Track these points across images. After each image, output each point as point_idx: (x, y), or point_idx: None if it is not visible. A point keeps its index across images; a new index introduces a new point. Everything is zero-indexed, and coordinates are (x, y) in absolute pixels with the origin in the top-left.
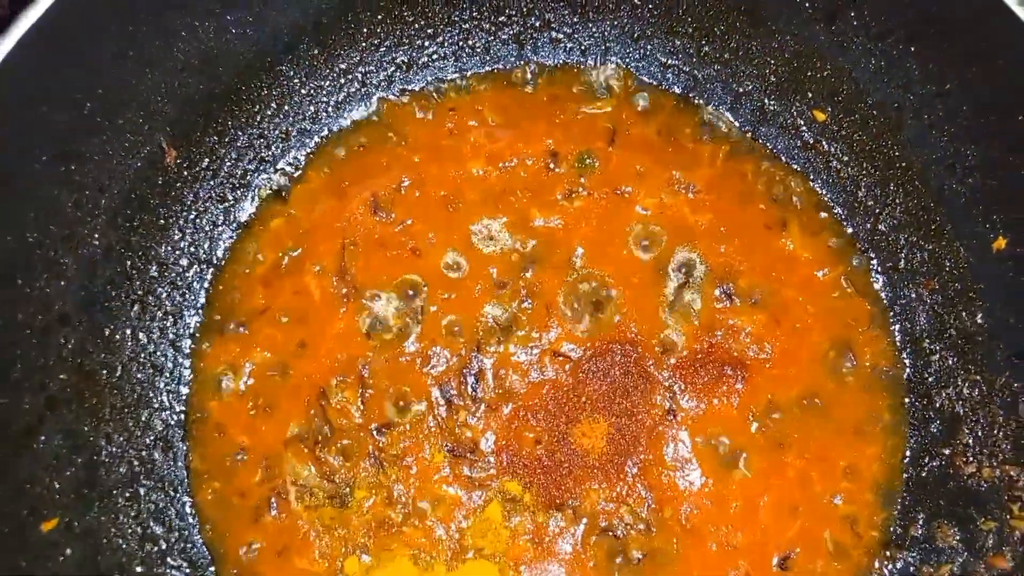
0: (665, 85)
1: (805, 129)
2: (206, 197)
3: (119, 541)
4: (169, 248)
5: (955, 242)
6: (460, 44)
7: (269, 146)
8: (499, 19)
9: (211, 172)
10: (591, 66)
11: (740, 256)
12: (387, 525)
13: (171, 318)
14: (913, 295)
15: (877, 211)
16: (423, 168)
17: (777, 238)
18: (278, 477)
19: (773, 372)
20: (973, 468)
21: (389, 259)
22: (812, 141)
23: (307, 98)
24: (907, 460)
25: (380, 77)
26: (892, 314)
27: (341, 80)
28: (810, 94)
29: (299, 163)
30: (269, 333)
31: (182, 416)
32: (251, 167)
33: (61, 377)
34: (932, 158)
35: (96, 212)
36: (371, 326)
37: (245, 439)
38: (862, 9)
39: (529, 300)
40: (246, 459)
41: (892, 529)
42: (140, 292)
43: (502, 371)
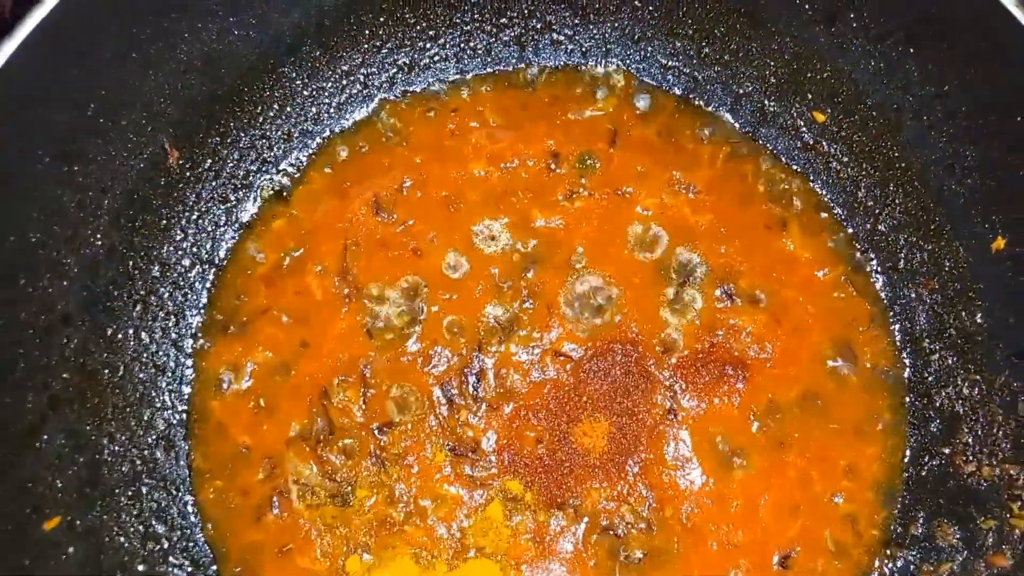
0: (666, 86)
1: (805, 130)
2: (208, 198)
3: (121, 540)
4: (171, 248)
5: (954, 242)
6: (461, 46)
7: (271, 147)
8: (500, 21)
9: (213, 173)
10: (592, 67)
11: (740, 256)
12: (388, 524)
13: (173, 318)
14: (913, 295)
15: (877, 211)
16: (424, 169)
17: (777, 238)
18: (280, 476)
19: (774, 372)
20: (973, 467)
21: (391, 259)
22: (812, 142)
23: (309, 99)
24: (907, 459)
25: (382, 78)
26: (892, 314)
27: (343, 81)
28: (810, 95)
29: (301, 164)
30: (271, 333)
31: (184, 415)
32: (253, 168)
33: (63, 376)
34: (931, 159)
35: (99, 212)
36: (373, 326)
37: (247, 438)
38: (861, 11)
39: (530, 300)
40: (248, 458)
41: (892, 528)
42: (142, 292)
43: (503, 371)
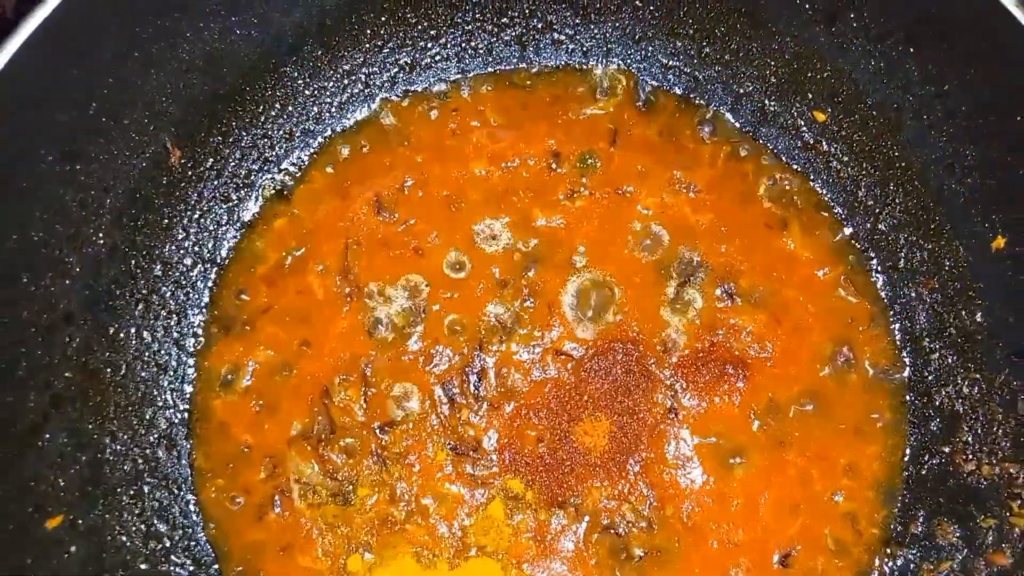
0: (666, 86)
1: (805, 129)
2: (210, 197)
3: (123, 539)
4: (173, 247)
5: (954, 241)
6: (463, 45)
7: (273, 146)
8: (501, 21)
9: (215, 172)
10: (593, 67)
11: (741, 256)
12: (390, 523)
13: (175, 317)
14: (913, 294)
15: (877, 211)
16: (426, 168)
17: (778, 238)
18: (281, 475)
19: (774, 371)
20: (973, 466)
21: (392, 258)
22: (812, 141)
23: (311, 99)
24: (907, 458)
25: (383, 78)
26: (892, 313)
27: (344, 81)
28: (810, 95)
29: (302, 163)
30: (272, 332)
31: (186, 414)
32: (255, 167)
33: (66, 375)
34: (931, 158)
35: (101, 211)
36: (374, 325)
37: (249, 437)
38: (861, 11)
39: (531, 299)
40: (250, 457)
41: (892, 526)
42: (144, 291)
43: (504, 370)
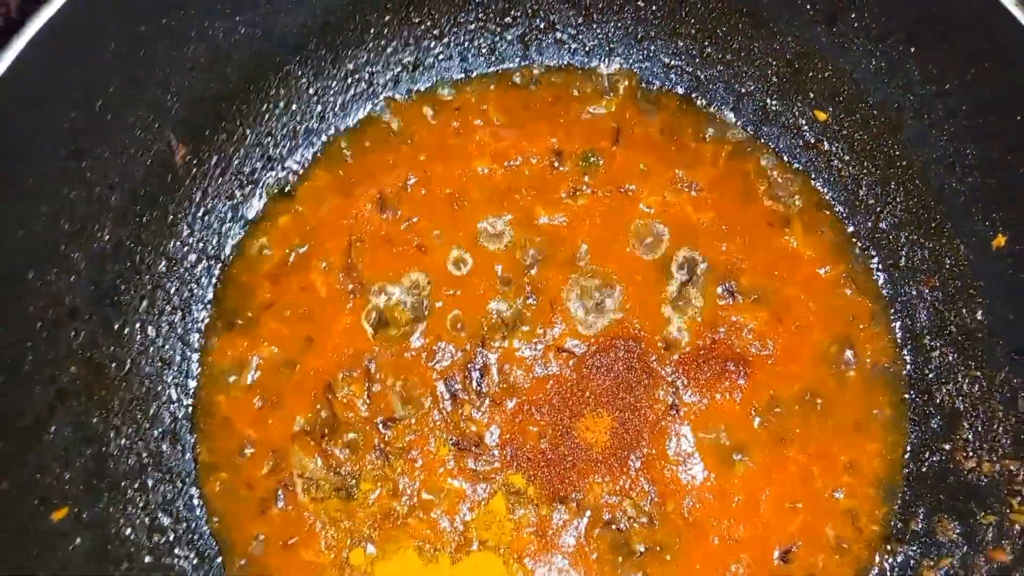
0: (668, 85)
1: (807, 129)
2: (214, 194)
3: (128, 531)
4: (178, 244)
5: (955, 240)
6: (466, 45)
7: (277, 144)
8: (504, 20)
9: (219, 170)
10: (595, 67)
11: (742, 254)
12: (392, 517)
13: (179, 313)
14: (914, 292)
15: (878, 209)
16: (429, 167)
17: (779, 236)
18: (285, 470)
19: (775, 368)
20: (973, 463)
21: (395, 256)
22: (813, 140)
23: (314, 97)
24: (907, 455)
25: (387, 77)
26: (893, 311)
27: (348, 80)
28: (811, 94)
29: (306, 161)
30: (276, 328)
31: (190, 409)
32: (259, 165)
33: (71, 370)
34: (932, 157)
35: (106, 208)
36: (377, 322)
37: (252, 432)
38: (862, 11)
39: (533, 296)
40: (253, 452)
41: (893, 523)
42: (149, 287)
43: (506, 366)
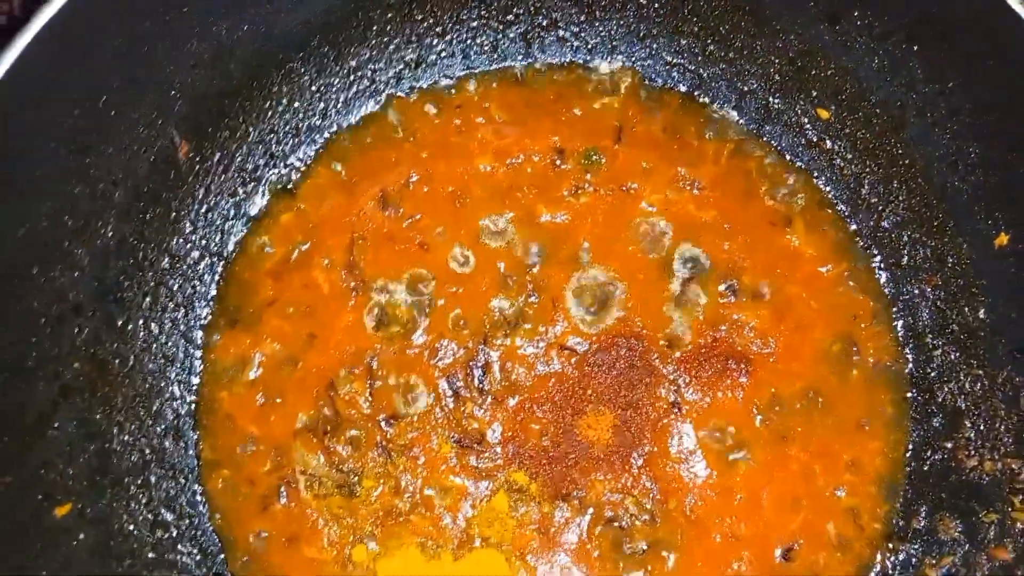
0: (671, 83)
1: (809, 127)
2: (217, 191)
3: (131, 527)
4: (181, 241)
5: (957, 238)
6: (468, 42)
7: (279, 141)
8: (507, 18)
9: (222, 167)
10: (597, 64)
11: (744, 252)
12: (394, 514)
13: (182, 309)
14: (916, 291)
15: (880, 208)
16: (431, 164)
17: (781, 234)
18: (287, 466)
19: (777, 366)
20: (975, 461)
21: (397, 253)
22: (816, 139)
23: (317, 95)
24: (909, 453)
25: (389, 74)
26: (895, 310)
27: (351, 77)
28: (814, 92)
29: (309, 158)
30: (278, 325)
31: (193, 406)
32: (261, 162)
33: (75, 366)
34: (935, 155)
35: (109, 205)
36: (379, 319)
37: (255, 429)
38: (865, 9)
39: (536, 294)
40: (256, 448)
41: (894, 521)
42: (152, 284)
43: (508, 364)
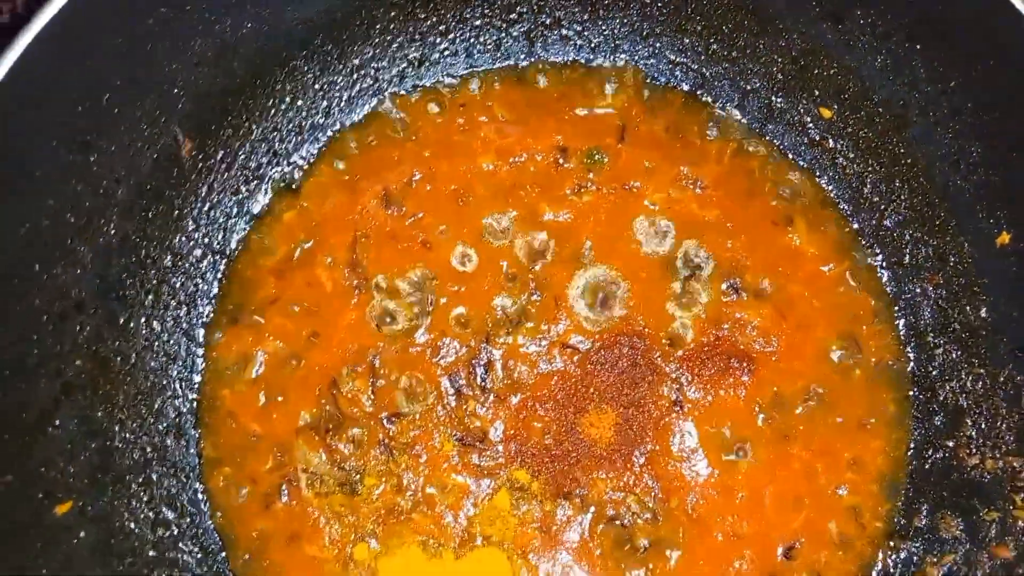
0: (674, 82)
1: (812, 126)
2: (220, 189)
3: (132, 525)
4: (183, 239)
5: (959, 237)
6: (471, 41)
7: (282, 140)
8: (510, 16)
9: (225, 164)
10: (600, 63)
11: (747, 251)
12: (396, 512)
13: (184, 307)
14: (918, 290)
15: (882, 207)
16: (434, 163)
17: (783, 233)
18: (289, 464)
19: (779, 365)
20: (976, 460)
21: (400, 251)
22: (818, 138)
23: (320, 93)
24: (911, 452)
25: (392, 73)
26: (897, 308)
27: (354, 76)
28: (817, 92)
29: (312, 156)
30: (281, 323)
31: (195, 404)
32: (264, 160)
33: (76, 363)
34: (937, 155)
35: (112, 202)
36: (382, 317)
37: (257, 427)
38: (868, 8)
39: (538, 293)
40: (258, 446)
41: (896, 520)
42: (154, 281)
43: (511, 362)
